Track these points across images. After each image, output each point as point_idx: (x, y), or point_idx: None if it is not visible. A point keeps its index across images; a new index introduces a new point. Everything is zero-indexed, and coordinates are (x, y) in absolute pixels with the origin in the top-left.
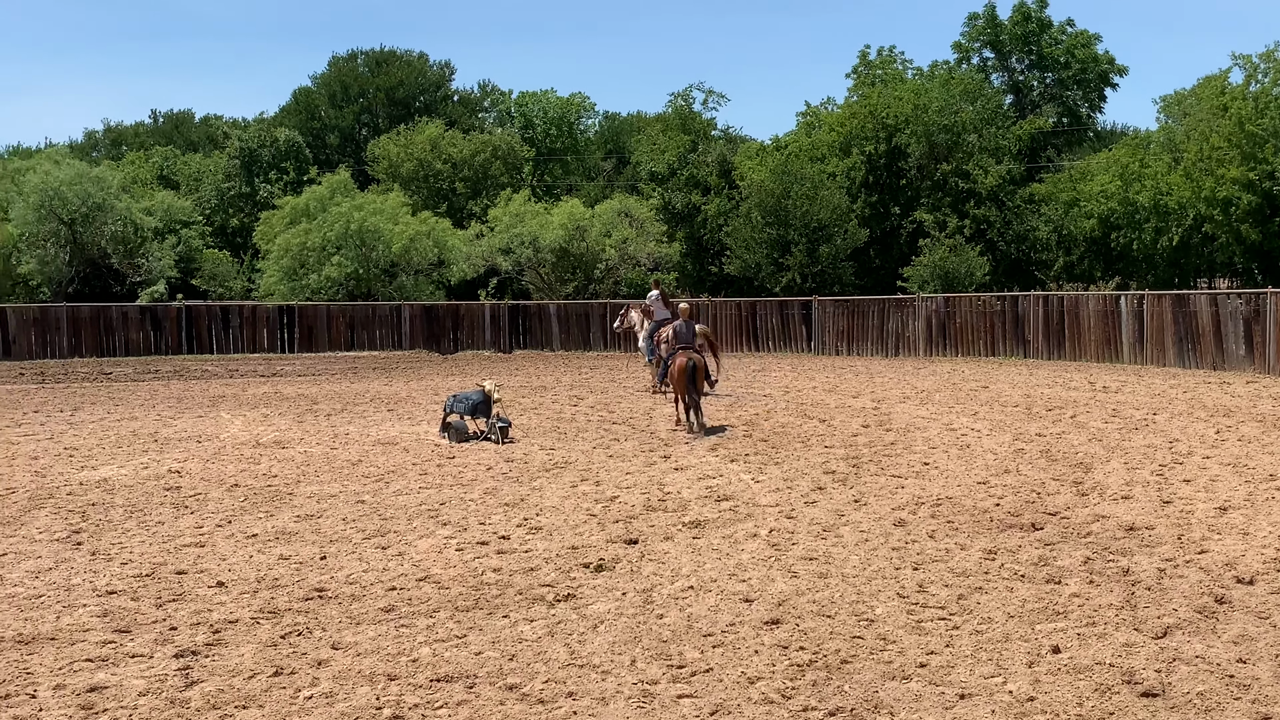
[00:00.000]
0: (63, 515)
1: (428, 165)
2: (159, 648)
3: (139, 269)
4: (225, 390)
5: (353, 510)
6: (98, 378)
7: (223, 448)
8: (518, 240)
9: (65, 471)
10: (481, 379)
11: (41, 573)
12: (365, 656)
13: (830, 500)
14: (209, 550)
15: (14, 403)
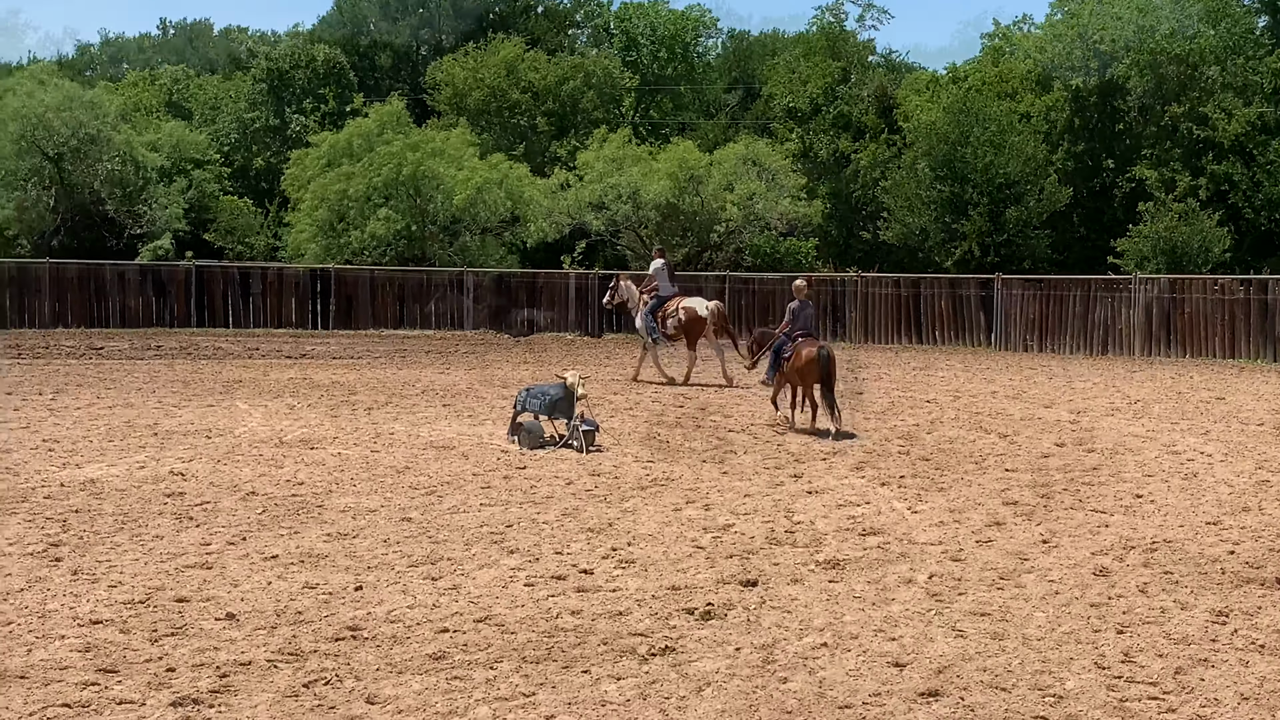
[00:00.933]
0: (38, 524)
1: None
2: (152, 693)
3: (140, 219)
4: (242, 374)
5: (396, 530)
6: (85, 354)
7: (237, 446)
8: (613, 193)
9: (43, 470)
10: (563, 370)
11: (10, 594)
12: (408, 714)
13: (1010, 539)
14: (217, 573)
15: None
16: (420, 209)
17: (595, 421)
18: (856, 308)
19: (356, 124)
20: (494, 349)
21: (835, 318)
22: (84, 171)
